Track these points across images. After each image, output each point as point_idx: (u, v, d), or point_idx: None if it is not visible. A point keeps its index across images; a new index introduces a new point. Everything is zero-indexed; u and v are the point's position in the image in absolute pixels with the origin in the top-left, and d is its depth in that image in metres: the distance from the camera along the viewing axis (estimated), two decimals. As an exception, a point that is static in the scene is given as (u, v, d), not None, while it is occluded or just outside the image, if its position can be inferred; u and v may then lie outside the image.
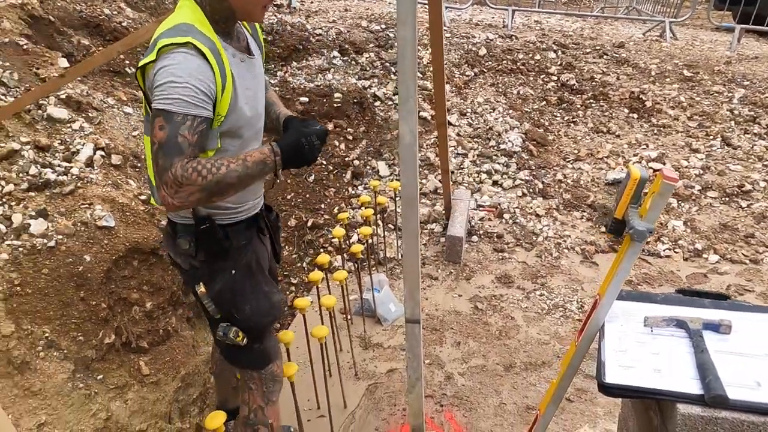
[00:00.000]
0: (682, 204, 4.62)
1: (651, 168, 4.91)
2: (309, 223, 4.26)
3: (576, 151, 5.30)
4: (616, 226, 1.59)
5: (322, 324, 2.60)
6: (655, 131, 5.57)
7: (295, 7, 7.57)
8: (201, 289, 1.86)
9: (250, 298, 1.96)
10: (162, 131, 1.48)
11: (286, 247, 4.11)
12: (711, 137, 5.43)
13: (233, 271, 1.91)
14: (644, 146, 5.31)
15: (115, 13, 4.39)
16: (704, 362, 1.35)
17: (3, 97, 2.86)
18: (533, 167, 5.08)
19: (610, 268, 1.58)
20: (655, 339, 1.53)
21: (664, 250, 4.15)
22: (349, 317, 3.39)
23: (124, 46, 2.40)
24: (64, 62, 3.32)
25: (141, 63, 1.57)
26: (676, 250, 4.17)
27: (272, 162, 1.64)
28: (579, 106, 5.96)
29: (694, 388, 1.33)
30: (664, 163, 4.99)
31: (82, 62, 2.59)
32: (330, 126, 5.16)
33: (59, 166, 2.75)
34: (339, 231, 3.13)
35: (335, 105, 5.31)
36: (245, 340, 1.97)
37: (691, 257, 4.11)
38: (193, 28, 1.57)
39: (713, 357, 1.38)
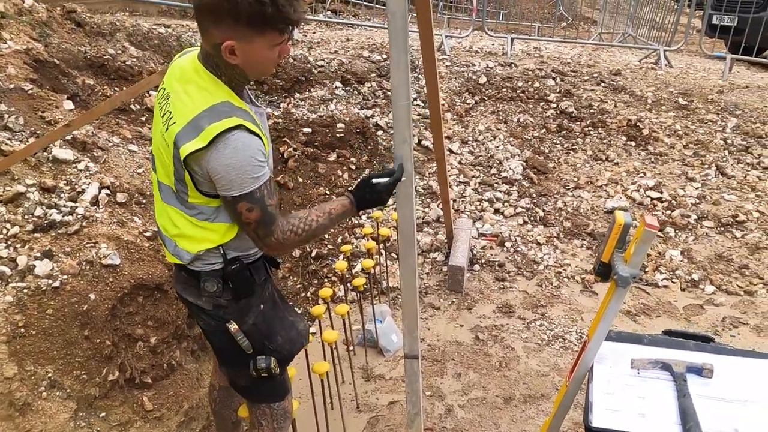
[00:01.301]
0: (680, 233, 4.65)
1: (649, 197, 4.97)
2: (313, 254, 4.31)
3: (576, 179, 5.36)
4: (603, 270, 1.63)
5: (324, 357, 2.63)
6: (652, 159, 5.63)
7: (297, 39, 7.69)
8: (233, 326, 1.92)
9: (280, 328, 2.06)
10: (252, 212, 1.66)
11: (291, 277, 4.16)
12: (706, 166, 5.49)
13: (262, 306, 1.99)
14: (642, 174, 5.37)
15: (119, 52, 4.48)
16: (686, 408, 1.39)
17: (9, 142, 2.92)
18: (534, 195, 5.13)
19: (598, 311, 1.62)
20: (642, 382, 1.57)
21: (662, 280, 4.18)
22: (351, 348, 3.42)
23: (129, 95, 2.48)
24: (69, 104, 3.40)
25: (189, 149, 1.59)
26: (674, 280, 4.19)
27: (352, 211, 1.88)
28: (578, 133, 6.03)
29: (677, 434, 1.37)
30: (661, 192, 5.04)
31: (88, 112, 2.67)
32: (333, 156, 5.24)
33: (65, 206, 2.81)
34: (342, 264, 3.19)
35: (338, 135, 5.39)
36: (278, 369, 2.04)
37: (688, 287, 4.14)
38: (231, 106, 1.64)
39: (695, 402, 1.42)
